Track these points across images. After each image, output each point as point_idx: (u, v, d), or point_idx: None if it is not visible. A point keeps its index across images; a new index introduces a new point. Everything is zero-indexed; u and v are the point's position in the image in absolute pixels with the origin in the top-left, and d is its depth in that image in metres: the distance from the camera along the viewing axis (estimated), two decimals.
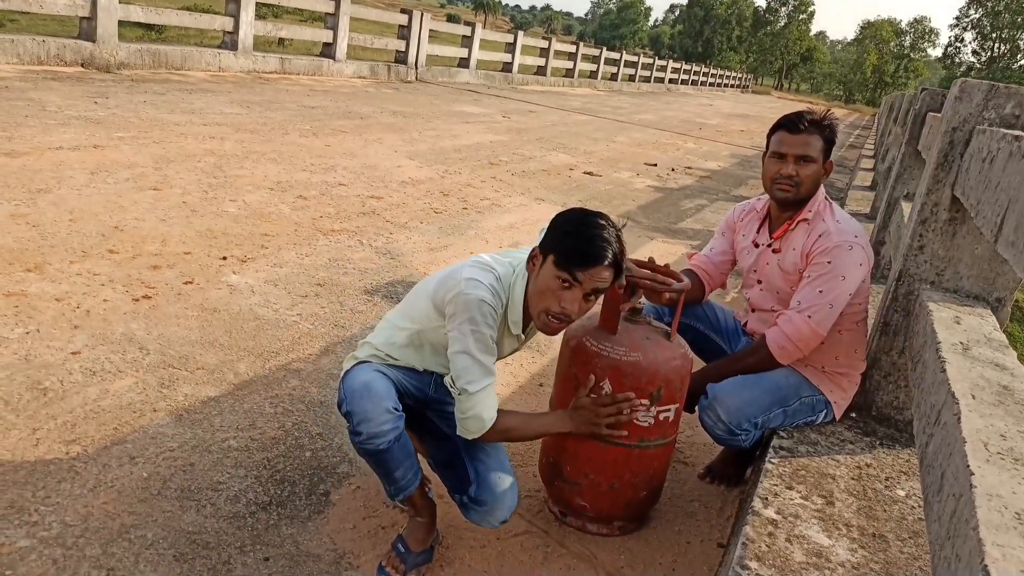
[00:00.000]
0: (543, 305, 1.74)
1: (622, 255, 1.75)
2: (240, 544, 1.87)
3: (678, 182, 9.02)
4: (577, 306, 1.72)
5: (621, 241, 1.75)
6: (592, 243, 1.69)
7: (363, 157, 6.92)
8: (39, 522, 1.82)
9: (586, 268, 1.69)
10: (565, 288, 1.71)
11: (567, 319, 1.74)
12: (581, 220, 1.75)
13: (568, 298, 1.71)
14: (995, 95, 2.03)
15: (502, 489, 1.82)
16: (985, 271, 2.17)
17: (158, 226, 4.05)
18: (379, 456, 1.76)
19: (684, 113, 21.46)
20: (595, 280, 1.70)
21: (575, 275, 1.69)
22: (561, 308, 1.72)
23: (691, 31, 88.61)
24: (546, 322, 1.75)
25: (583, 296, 1.72)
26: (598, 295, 1.75)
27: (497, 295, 1.78)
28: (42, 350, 2.61)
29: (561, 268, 1.70)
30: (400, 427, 1.76)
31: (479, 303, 1.73)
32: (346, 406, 1.75)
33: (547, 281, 1.73)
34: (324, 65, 13.81)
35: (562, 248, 1.71)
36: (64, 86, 7.88)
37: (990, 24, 69.77)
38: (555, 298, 1.72)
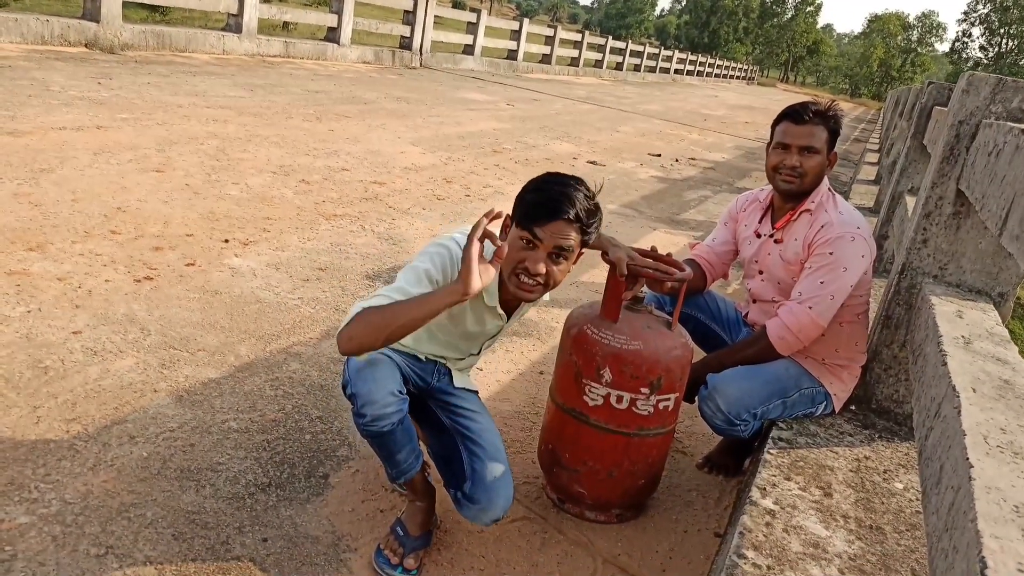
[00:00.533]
0: (510, 267, 1.72)
1: (590, 216, 1.71)
2: (239, 525, 1.88)
3: (682, 173, 8.99)
4: (542, 266, 1.68)
5: (591, 202, 1.72)
6: (549, 198, 1.67)
7: (366, 142, 6.91)
8: (39, 499, 1.83)
9: (543, 223, 1.66)
10: (529, 248, 1.69)
11: (536, 281, 1.71)
12: (543, 179, 1.74)
13: (532, 258, 1.68)
14: (1002, 89, 2.02)
15: (497, 489, 1.80)
16: (988, 265, 2.16)
17: (160, 208, 4.04)
18: (382, 438, 1.76)
19: (689, 104, 21.39)
20: (556, 237, 1.67)
21: (534, 232, 1.67)
22: (524, 268, 1.69)
23: (697, 21, 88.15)
24: (517, 284, 1.73)
25: (547, 255, 1.69)
26: (566, 255, 1.71)
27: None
28: (43, 329, 2.61)
29: (521, 227, 1.69)
30: (404, 410, 1.75)
31: (435, 245, 1.77)
32: (350, 388, 1.74)
33: (512, 243, 1.72)
34: (328, 50, 13.76)
35: (521, 207, 1.71)
36: (68, 66, 7.85)
37: (998, 19, 69.36)
38: (519, 258, 1.70)
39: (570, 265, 1.76)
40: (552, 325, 3.54)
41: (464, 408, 1.96)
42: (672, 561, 2.05)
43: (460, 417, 1.95)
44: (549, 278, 1.71)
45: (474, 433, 1.90)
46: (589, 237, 1.74)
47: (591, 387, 1.98)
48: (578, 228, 1.69)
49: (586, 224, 1.70)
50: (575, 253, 1.74)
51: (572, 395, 2.03)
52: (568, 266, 1.75)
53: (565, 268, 1.74)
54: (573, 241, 1.69)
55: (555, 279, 1.73)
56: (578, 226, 1.69)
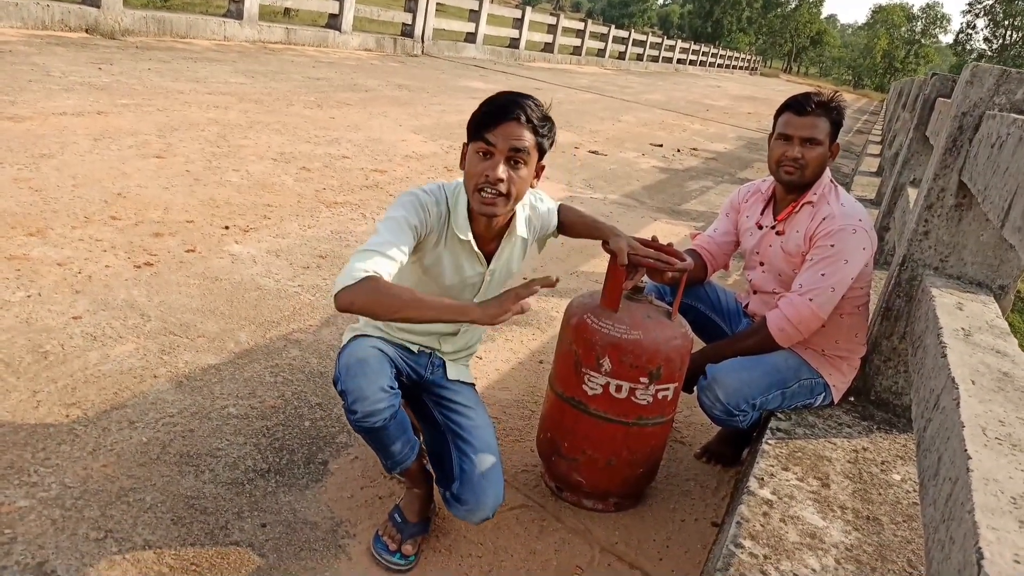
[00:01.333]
0: (472, 183, 1.72)
1: (542, 120, 1.71)
2: (238, 510, 1.89)
3: (684, 163, 8.97)
4: (501, 169, 1.67)
5: (541, 109, 1.72)
6: (496, 105, 1.68)
7: (367, 130, 6.89)
8: (38, 483, 1.83)
9: (494, 127, 1.66)
10: (485, 159, 1.69)
11: (497, 189, 1.69)
12: (492, 95, 1.74)
13: (490, 165, 1.68)
14: (1006, 80, 2.01)
15: (485, 490, 1.77)
16: (989, 258, 2.16)
17: (161, 194, 4.03)
18: (375, 433, 1.75)
19: (692, 94, 21.31)
20: (509, 139, 1.66)
21: (487, 139, 1.66)
22: (485, 177, 1.68)
23: (701, 11, 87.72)
24: (480, 200, 1.72)
25: (505, 160, 1.68)
26: (523, 158, 1.69)
27: (432, 193, 1.78)
28: (43, 314, 2.61)
29: (475, 139, 1.69)
30: (396, 404, 1.73)
31: (406, 194, 1.77)
32: (341, 384, 1.71)
33: (470, 160, 1.73)
34: (330, 36, 13.70)
35: (472, 121, 1.71)
36: (68, 52, 7.82)
37: (1003, 11, 69.03)
38: (479, 171, 1.69)
39: (531, 172, 1.75)
40: (552, 314, 3.54)
41: (457, 403, 1.94)
42: (669, 550, 2.05)
43: (452, 413, 1.93)
44: (510, 185, 1.70)
45: (465, 431, 1.87)
46: (544, 140, 1.73)
47: (590, 376, 1.98)
48: (531, 129, 1.69)
49: (538, 125, 1.70)
50: (533, 157, 1.72)
51: (571, 384, 2.03)
52: (529, 173, 1.74)
53: (525, 175, 1.73)
54: (528, 143, 1.69)
55: (516, 186, 1.72)
56: (531, 127, 1.69)
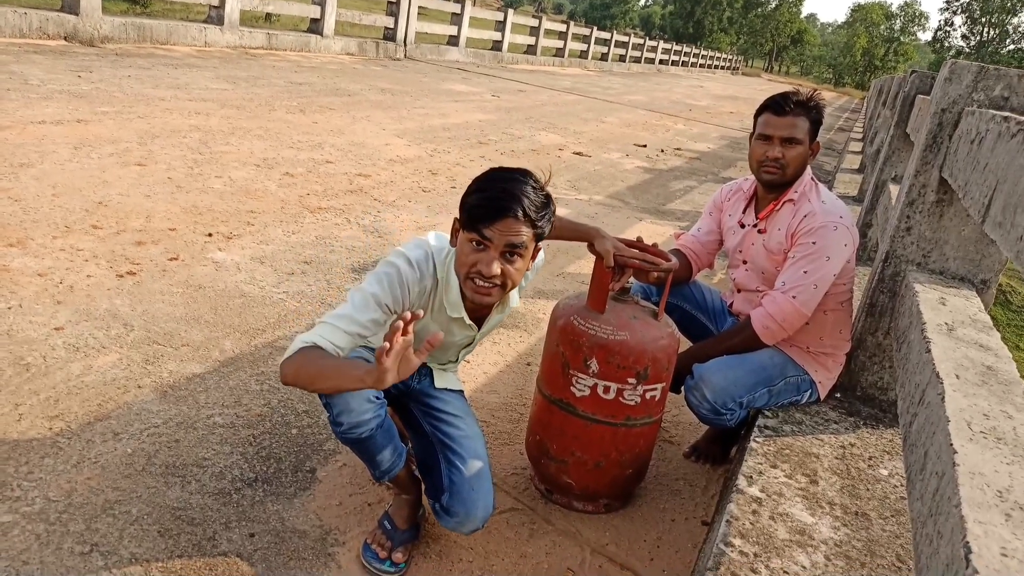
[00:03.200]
0: (463, 272, 1.67)
1: (540, 209, 1.64)
2: (225, 520, 1.87)
3: (667, 163, 9.00)
4: (496, 266, 1.62)
5: (540, 195, 1.65)
6: (493, 197, 1.60)
7: (351, 134, 6.86)
8: (21, 497, 1.81)
9: (490, 223, 1.59)
10: (480, 250, 1.63)
11: (492, 283, 1.64)
12: (486, 176, 1.67)
13: (484, 260, 1.62)
14: (984, 76, 2.02)
15: (475, 501, 1.75)
16: (971, 253, 2.18)
17: (143, 202, 4.00)
18: (362, 444, 1.73)
19: (674, 94, 21.40)
20: (506, 235, 1.60)
21: (482, 233, 1.60)
22: (478, 271, 1.63)
23: (682, 12, 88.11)
24: (473, 288, 1.67)
25: (500, 255, 1.62)
26: (519, 253, 1.64)
27: (419, 269, 1.72)
28: (24, 325, 2.58)
29: (469, 229, 1.63)
30: (382, 414, 1.71)
31: (386, 265, 1.70)
32: (325, 397, 1.68)
33: (462, 247, 1.66)
34: (311, 41, 13.65)
35: (466, 208, 1.63)
36: (47, 59, 7.75)
37: (979, 8, 69.77)
38: (471, 262, 1.64)
39: (527, 262, 1.70)
40: (539, 316, 3.54)
41: (445, 413, 1.92)
42: (660, 550, 2.05)
43: (440, 423, 1.90)
44: (505, 278, 1.65)
45: (453, 441, 1.85)
46: (542, 230, 1.68)
47: (578, 378, 1.98)
48: (528, 223, 1.62)
49: (536, 219, 1.63)
50: (529, 249, 1.67)
51: (559, 386, 2.03)
52: (524, 263, 1.69)
53: (521, 266, 1.67)
54: (525, 237, 1.62)
55: (512, 278, 1.66)
56: (528, 221, 1.62)
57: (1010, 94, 1.98)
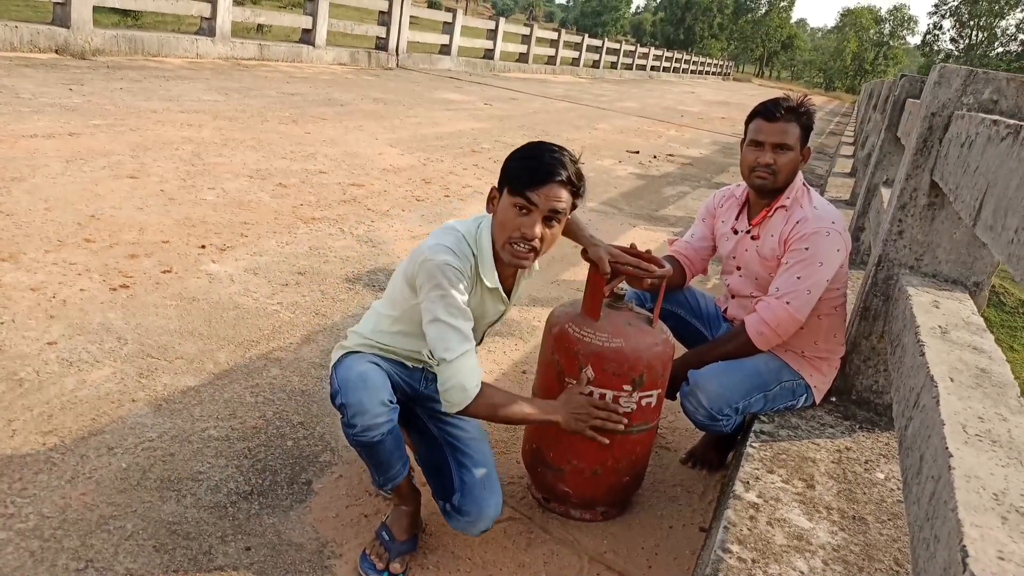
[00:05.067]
0: (505, 235, 1.73)
1: (579, 179, 1.75)
2: (221, 534, 1.86)
3: (660, 169, 9.03)
4: (538, 229, 1.70)
5: (577, 167, 1.75)
6: (541, 162, 1.69)
7: (344, 144, 6.87)
8: (15, 514, 1.80)
9: (538, 187, 1.68)
10: (524, 215, 1.70)
11: (531, 245, 1.72)
12: (530, 146, 1.76)
13: (527, 223, 1.70)
14: (974, 80, 2.04)
15: (486, 500, 1.79)
16: (963, 256, 2.19)
17: (135, 215, 3.99)
18: (372, 448, 1.74)
19: (666, 100, 21.47)
20: (551, 200, 1.69)
21: (529, 197, 1.68)
22: (522, 233, 1.70)
23: (673, 18, 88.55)
24: (512, 252, 1.73)
25: (542, 219, 1.70)
26: (558, 218, 1.73)
27: (462, 254, 1.76)
28: (17, 340, 2.57)
29: (515, 194, 1.70)
30: (394, 419, 1.74)
31: (443, 267, 1.70)
32: (341, 398, 1.71)
33: (505, 212, 1.72)
34: (303, 52, 13.67)
35: (513, 174, 1.72)
36: (38, 73, 7.74)
37: (968, 12, 70.24)
38: (515, 225, 1.71)
39: (561, 229, 1.79)
40: (534, 324, 3.54)
41: (453, 416, 1.93)
42: (658, 557, 2.05)
43: (449, 426, 1.93)
44: (543, 243, 1.74)
45: (462, 443, 1.88)
46: (580, 199, 1.77)
47: (574, 385, 1.97)
48: (571, 190, 1.72)
49: (577, 185, 1.74)
50: (565, 216, 1.75)
51: (555, 394, 2.02)
52: (560, 230, 1.78)
53: (557, 232, 1.77)
54: (566, 203, 1.72)
55: (548, 243, 1.76)
56: (571, 187, 1.72)
57: (999, 97, 1.99)
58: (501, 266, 1.83)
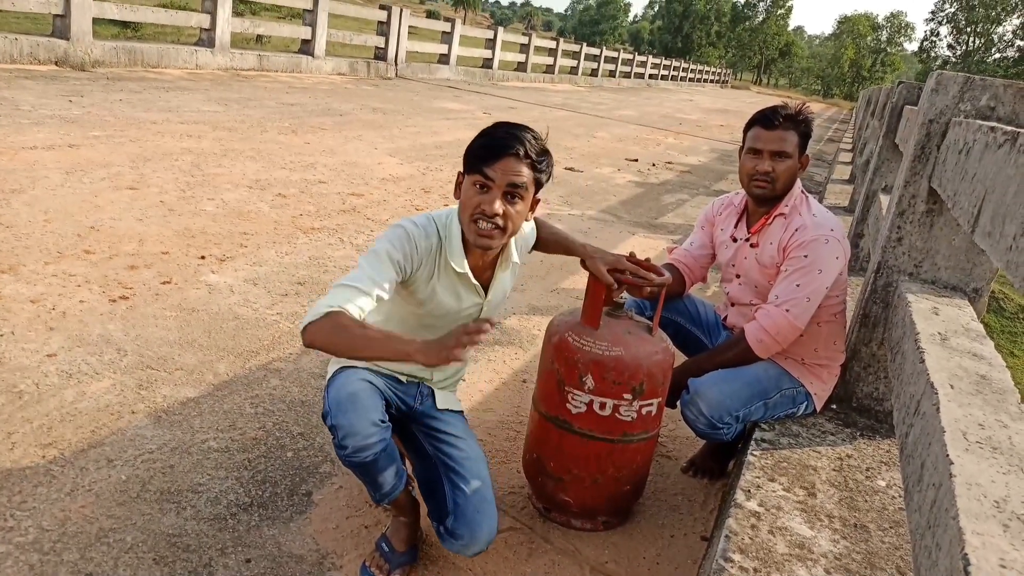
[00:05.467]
0: (467, 215, 1.71)
1: (540, 154, 1.71)
2: (221, 546, 1.85)
3: (659, 177, 9.04)
4: (498, 204, 1.67)
5: (539, 143, 1.72)
6: (496, 139, 1.67)
7: (343, 154, 6.88)
8: (15, 527, 1.79)
9: (493, 162, 1.65)
10: (483, 192, 1.68)
11: (494, 223, 1.68)
12: (489, 127, 1.74)
13: (487, 199, 1.67)
14: (971, 87, 2.04)
15: (480, 523, 1.75)
16: (962, 262, 2.19)
17: (135, 226, 4.00)
18: (365, 467, 1.72)
19: (664, 108, 21.52)
20: (508, 174, 1.66)
21: (485, 172, 1.66)
22: (481, 210, 1.67)
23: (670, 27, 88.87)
24: (476, 231, 1.70)
25: (502, 195, 1.67)
26: (520, 194, 1.69)
27: (424, 230, 1.76)
28: (17, 352, 2.57)
29: (473, 172, 1.68)
30: (387, 438, 1.70)
31: (395, 228, 1.75)
32: (331, 419, 1.68)
33: (466, 192, 1.71)
34: (303, 62, 13.71)
35: (471, 153, 1.70)
36: (38, 85, 7.76)
37: (965, 18, 70.49)
38: (475, 203, 1.68)
39: (527, 207, 1.74)
40: (534, 333, 3.54)
41: (448, 434, 1.91)
42: (660, 566, 2.04)
43: (443, 444, 1.89)
44: (507, 220, 1.69)
45: (456, 462, 1.84)
46: (542, 175, 1.73)
47: (574, 394, 1.97)
48: (529, 164, 1.68)
49: (537, 160, 1.70)
50: (530, 192, 1.72)
51: (555, 403, 2.02)
52: (525, 208, 1.73)
53: (522, 209, 1.72)
54: (526, 178, 1.68)
55: (513, 221, 1.71)
56: (528, 162, 1.68)
57: (996, 104, 2.00)
58: (475, 256, 1.82)
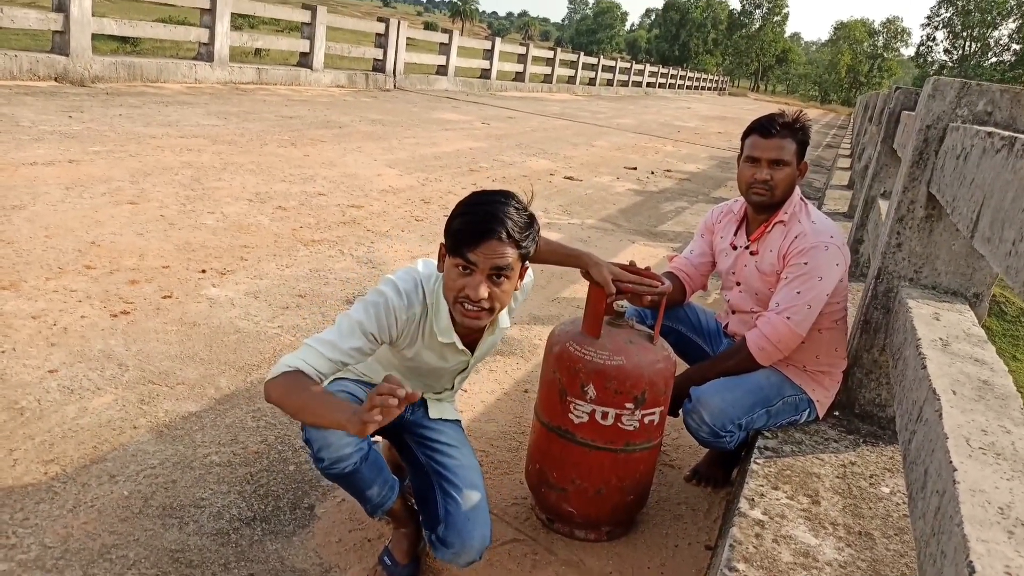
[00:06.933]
0: (451, 296, 1.66)
1: (524, 229, 1.64)
2: (224, 561, 1.85)
3: (658, 185, 9.05)
4: (483, 289, 1.61)
5: (523, 215, 1.66)
6: (476, 221, 1.60)
7: (342, 166, 6.89)
8: (17, 545, 1.79)
9: (474, 246, 1.59)
10: (466, 275, 1.62)
11: (479, 307, 1.63)
12: (468, 200, 1.67)
13: (471, 283, 1.61)
14: (967, 92, 2.05)
15: (471, 533, 1.72)
16: (962, 267, 2.19)
17: (135, 240, 4.00)
18: (347, 479, 1.70)
19: (662, 116, 21.58)
20: (491, 258, 1.60)
21: (467, 257, 1.60)
22: (465, 295, 1.62)
23: (667, 35, 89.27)
24: (462, 312, 1.66)
25: (487, 278, 1.62)
26: (505, 275, 1.63)
27: (409, 300, 1.72)
28: (18, 369, 2.57)
29: (454, 254, 1.63)
30: (364, 447, 1.68)
31: (374, 294, 1.71)
32: (305, 432, 1.66)
33: (449, 273, 1.66)
34: (301, 75, 13.76)
35: (451, 233, 1.64)
36: (38, 101, 7.78)
37: (961, 23, 70.74)
38: (458, 287, 1.63)
39: (514, 283, 1.69)
40: (535, 343, 3.53)
41: (440, 443, 1.90)
42: None
43: (435, 453, 1.88)
44: (493, 301, 1.65)
45: (449, 471, 1.82)
46: (526, 250, 1.68)
47: (576, 404, 1.97)
48: (512, 244, 1.62)
49: (520, 240, 1.64)
50: (515, 270, 1.67)
51: (557, 413, 2.02)
52: (512, 285, 1.68)
53: (508, 287, 1.67)
54: (510, 259, 1.62)
55: (499, 301, 1.66)
56: (512, 242, 1.62)
57: (993, 109, 2.00)
58: (462, 328, 1.77)
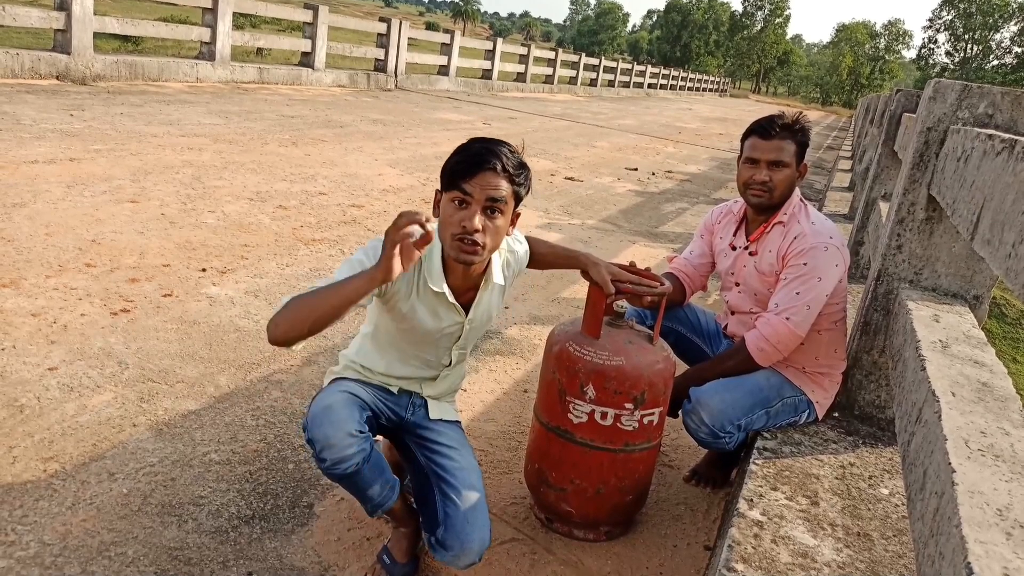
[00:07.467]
0: (447, 233, 1.68)
1: (518, 167, 1.69)
2: (223, 559, 1.85)
3: (659, 186, 9.06)
4: (478, 220, 1.64)
5: (516, 155, 1.70)
6: (472, 154, 1.66)
7: (343, 166, 6.90)
8: (16, 542, 1.79)
9: (470, 177, 1.63)
10: (462, 208, 1.65)
11: (473, 240, 1.65)
12: (464, 143, 1.72)
13: (467, 215, 1.64)
14: (968, 95, 2.05)
15: (470, 535, 1.72)
16: (962, 269, 2.19)
17: (136, 239, 4.00)
18: (349, 479, 1.71)
19: (663, 117, 21.58)
20: (486, 189, 1.63)
21: (462, 188, 1.63)
22: (462, 227, 1.64)
23: (669, 36, 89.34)
24: (457, 248, 1.67)
25: (481, 210, 1.64)
26: (500, 208, 1.66)
27: None
28: (18, 366, 2.57)
29: (450, 188, 1.66)
30: (366, 448, 1.69)
31: (372, 241, 1.73)
32: (308, 433, 1.67)
33: (445, 209, 1.69)
34: (303, 74, 13.77)
35: (447, 170, 1.68)
36: (39, 99, 7.79)
37: (962, 25, 70.72)
38: (455, 220, 1.65)
39: (507, 221, 1.72)
40: (535, 343, 3.53)
41: (440, 444, 1.89)
42: None
43: (435, 455, 1.87)
44: (487, 235, 1.67)
45: (448, 473, 1.82)
46: (521, 188, 1.71)
47: (575, 404, 1.97)
48: (507, 178, 1.66)
49: (514, 174, 1.67)
50: (509, 206, 1.69)
51: (556, 413, 2.02)
52: (505, 222, 1.71)
53: (502, 224, 1.69)
54: (505, 192, 1.66)
55: (493, 236, 1.68)
56: (507, 176, 1.66)
57: (994, 111, 2.00)
58: (456, 276, 1.79)
